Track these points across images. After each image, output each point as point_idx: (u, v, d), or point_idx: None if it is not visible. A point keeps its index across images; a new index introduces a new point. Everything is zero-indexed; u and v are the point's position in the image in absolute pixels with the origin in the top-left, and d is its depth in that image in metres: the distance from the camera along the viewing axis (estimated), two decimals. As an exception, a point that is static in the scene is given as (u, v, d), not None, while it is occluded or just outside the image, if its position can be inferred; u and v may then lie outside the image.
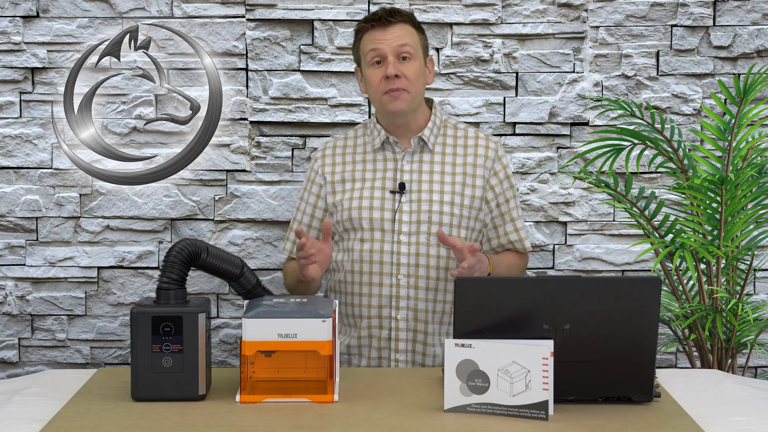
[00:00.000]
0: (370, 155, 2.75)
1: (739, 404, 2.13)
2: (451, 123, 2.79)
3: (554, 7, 3.25)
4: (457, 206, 2.69)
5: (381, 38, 2.64)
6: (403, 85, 2.63)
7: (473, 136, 2.78)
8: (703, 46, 3.27)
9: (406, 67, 2.64)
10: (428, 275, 2.67)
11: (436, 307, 2.69)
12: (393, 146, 2.73)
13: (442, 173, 2.71)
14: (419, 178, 2.70)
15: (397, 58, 2.63)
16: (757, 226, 2.93)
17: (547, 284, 2.05)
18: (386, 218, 2.67)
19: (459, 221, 2.69)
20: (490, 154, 2.75)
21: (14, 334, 3.31)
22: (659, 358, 3.34)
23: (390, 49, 2.63)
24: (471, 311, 2.03)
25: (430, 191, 2.69)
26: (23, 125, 3.24)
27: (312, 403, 2.08)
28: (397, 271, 2.67)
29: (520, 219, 2.80)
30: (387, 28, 2.64)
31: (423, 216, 2.67)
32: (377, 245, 2.67)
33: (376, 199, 2.69)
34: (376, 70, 2.65)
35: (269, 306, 2.11)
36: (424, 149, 2.73)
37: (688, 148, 3.04)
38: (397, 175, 2.71)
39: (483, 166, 2.73)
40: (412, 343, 2.68)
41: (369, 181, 2.72)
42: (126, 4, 3.21)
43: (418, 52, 2.67)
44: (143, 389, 2.10)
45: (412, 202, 2.68)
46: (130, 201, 3.28)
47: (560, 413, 2.00)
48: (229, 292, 3.33)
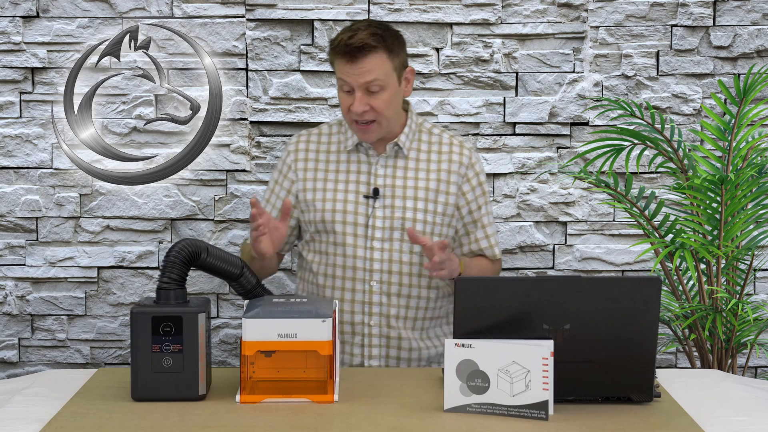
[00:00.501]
0: (343, 155, 2.71)
1: (739, 404, 2.13)
2: (426, 127, 2.75)
3: (554, 7, 3.25)
4: (430, 213, 2.67)
5: (349, 72, 2.54)
6: (371, 117, 2.58)
7: (447, 142, 2.74)
8: (703, 46, 3.27)
9: (375, 100, 2.56)
10: (401, 282, 2.66)
11: (408, 313, 2.68)
12: (367, 149, 2.69)
13: (416, 179, 2.69)
14: (393, 184, 2.67)
15: (366, 91, 2.55)
16: (757, 226, 2.93)
17: (547, 284, 2.05)
18: (359, 223, 2.65)
19: (432, 228, 2.68)
20: (464, 161, 2.71)
21: (14, 334, 3.31)
22: (659, 358, 3.34)
23: (357, 85, 2.54)
24: (471, 311, 2.03)
25: (404, 197, 2.66)
26: (23, 125, 3.25)
27: (312, 403, 2.08)
28: (370, 277, 2.66)
29: (491, 226, 2.78)
30: (355, 62, 2.53)
31: (396, 222, 2.65)
32: (350, 250, 2.65)
33: (349, 203, 2.66)
34: (345, 97, 2.59)
35: (269, 306, 2.11)
36: (399, 154, 2.69)
37: (688, 148, 3.04)
38: (371, 180, 2.68)
39: (456, 172, 2.70)
40: (385, 349, 2.68)
41: (342, 183, 2.69)
42: (126, 4, 3.21)
43: (389, 80, 2.57)
44: (143, 389, 2.10)
45: (385, 208, 2.66)
46: (130, 201, 3.28)
47: (560, 413, 2.00)
48: (229, 292, 3.33)
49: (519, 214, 3.31)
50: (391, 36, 2.60)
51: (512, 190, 3.30)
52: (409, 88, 2.68)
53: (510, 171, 3.30)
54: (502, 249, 3.30)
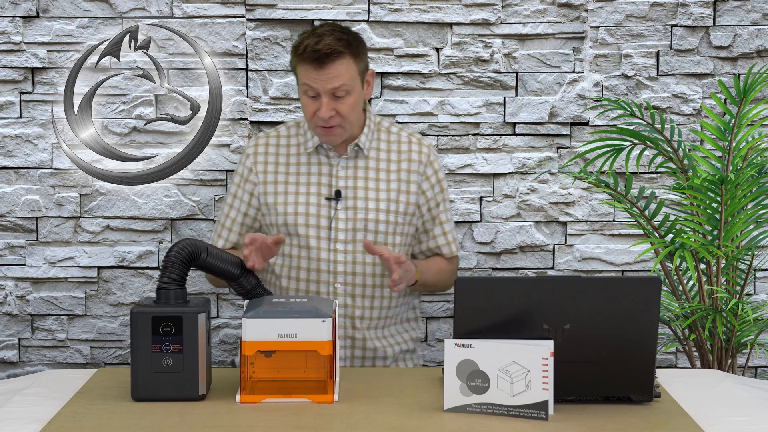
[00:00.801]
0: (304, 158, 2.71)
1: (739, 404, 2.13)
2: (384, 126, 2.75)
3: (554, 7, 3.25)
4: (392, 213, 2.68)
5: (315, 78, 2.53)
6: (336, 122, 2.57)
7: (406, 140, 2.74)
8: (703, 46, 3.27)
9: (341, 105, 2.56)
10: (365, 283, 2.67)
11: (372, 313, 2.69)
12: (327, 151, 2.69)
13: (377, 180, 2.69)
14: (354, 185, 2.68)
15: (332, 95, 2.55)
16: (757, 226, 2.93)
17: (547, 284, 2.05)
18: (322, 225, 2.66)
19: (394, 228, 2.69)
20: (423, 159, 2.72)
21: (14, 334, 3.31)
22: (659, 358, 3.34)
23: (324, 90, 2.54)
24: (471, 311, 2.03)
25: (366, 198, 2.67)
26: (23, 125, 3.24)
27: (312, 403, 2.08)
28: (334, 279, 2.66)
29: (448, 223, 2.78)
30: (323, 68, 2.52)
31: (359, 224, 2.66)
32: (314, 253, 2.65)
33: (312, 206, 2.66)
34: (309, 102, 2.57)
35: (269, 306, 2.11)
36: (359, 155, 2.70)
37: (688, 148, 3.04)
38: (332, 182, 2.68)
39: (416, 171, 2.71)
40: (350, 350, 2.69)
41: (304, 185, 2.69)
42: (126, 4, 3.21)
43: (355, 83, 2.57)
44: (143, 389, 2.10)
45: (348, 210, 2.66)
46: (130, 201, 3.28)
47: (560, 413, 2.00)
48: (229, 292, 3.33)
49: (519, 214, 3.31)
50: (356, 40, 2.60)
51: (512, 190, 3.30)
52: (370, 90, 2.68)
53: (510, 171, 3.30)
54: (505, 248, 3.30)
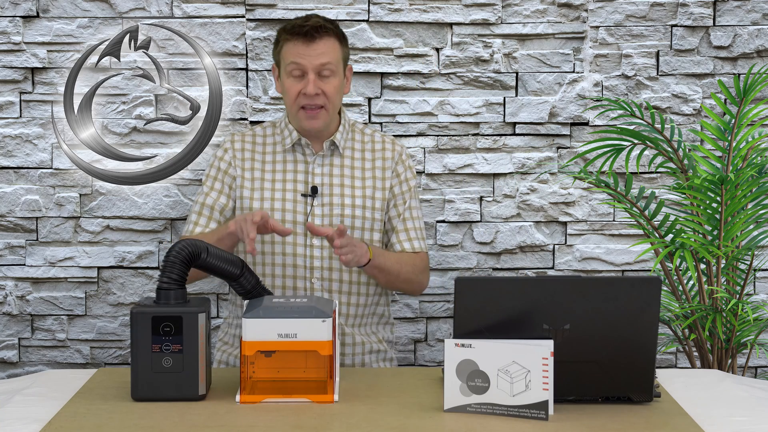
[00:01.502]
0: (280, 155, 2.73)
1: (739, 404, 2.13)
2: (358, 127, 2.79)
3: (554, 7, 3.25)
4: (368, 209, 2.70)
5: (303, 53, 2.58)
6: (321, 102, 2.60)
7: (380, 140, 2.77)
8: (703, 46, 3.27)
9: (326, 84, 2.60)
10: (341, 278, 2.68)
11: (349, 310, 2.70)
12: (304, 148, 2.71)
13: (353, 177, 2.71)
14: (330, 182, 2.69)
15: (318, 74, 2.59)
16: (757, 226, 2.93)
17: (547, 284, 2.05)
18: (299, 221, 2.67)
19: (372, 224, 2.70)
20: (395, 156, 2.75)
21: (14, 334, 3.31)
22: (659, 358, 3.34)
23: (312, 66, 2.58)
24: (471, 311, 2.03)
25: (342, 195, 2.69)
26: (23, 125, 3.24)
27: (312, 403, 2.08)
28: (310, 274, 2.67)
29: (414, 220, 2.75)
30: (311, 43, 2.58)
31: (335, 220, 2.67)
32: (290, 248, 2.66)
33: (288, 202, 2.68)
34: (294, 83, 2.61)
35: (269, 306, 2.11)
36: (335, 153, 2.72)
37: (688, 148, 3.04)
38: (308, 178, 2.69)
39: (390, 168, 2.74)
40: None
41: (279, 182, 2.70)
42: (126, 4, 3.21)
43: (339, 68, 2.63)
44: (143, 389, 2.10)
45: (324, 206, 2.68)
46: (130, 201, 3.28)
47: (560, 413, 2.00)
48: (229, 292, 3.32)
49: (519, 214, 3.31)
50: (340, 29, 2.68)
51: (512, 190, 3.30)
52: (348, 86, 2.73)
53: (510, 171, 3.30)
54: (505, 248, 3.30)
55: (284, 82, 2.64)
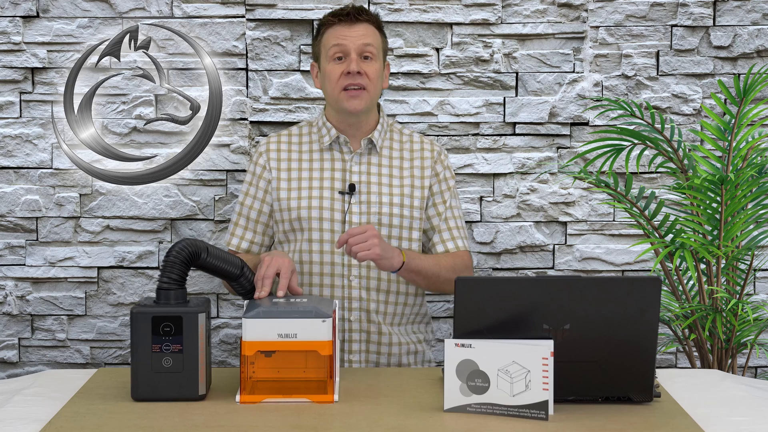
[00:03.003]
0: (317, 154, 2.73)
1: (739, 404, 2.13)
2: (396, 128, 2.80)
3: (554, 7, 3.25)
4: (407, 208, 2.70)
5: (346, 34, 2.63)
6: (363, 82, 2.62)
7: (418, 140, 2.78)
8: (703, 46, 3.27)
9: (368, 66, 2.63)
10: (380, 276, 2.68)
11: (387, 308, 2.70)
12: (342, 146, 2.71)
13: (390, 176, 2.71)
14: (368, 180, 2.69)
15: (360, 56, 2.63)
16: (757, 226, 2.93)
17: (547, 284, 2.05)
18: (336, 219, 2.67)
19: (410, 223, 2.70)
20: (435, 156, 2.76)
21: (14, 334, 3.31)
22: (659, 358, 3.34)
23: (354, 47, 2.62)
24: (471, 311, 2.03)
25: (380, 193, 2.69)
26: (23, 125, 3.24)
27: (312, 403, 2.08)
28: (348, 272, 2.66)
29: (456, 219, 2.76)
30: (353, 25, 2.63)
31: (373, 218, 2.67)
32: (327, 246, 2.66)
33: (325, 200, 2.68)
34: (336, 65, 2.63)
35: (269, 306, 2.11)
36: (372, 151, 2.72)
37: (688, 148, 3.04)
38: (345, 176, 2.69)
39: (430, 168, 2.74)
40: (366, 344, 2.69)
41: (317, 180, 2.70)
42: (126, 4, 3.21)
43: (379, 54, 2.67)
44: (143, 389, 2.10)
45: (361, 204, 2.67)
46: (130, 201, 3.28)
47: (560, 413, 2.00)
48: (229, 292, 3.33)
49: (519, 214, 3.31)
50: (380, 21, 2.73)
51: (512, 190, 3.30)
52: (386, 81, 2.75)
53: (510, 171, 3.30)
54: (505, 248, 3.30)
55: (325, 68, 2.66)
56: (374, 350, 2.69)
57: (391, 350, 2.71)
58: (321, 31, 2.69)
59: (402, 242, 2.70)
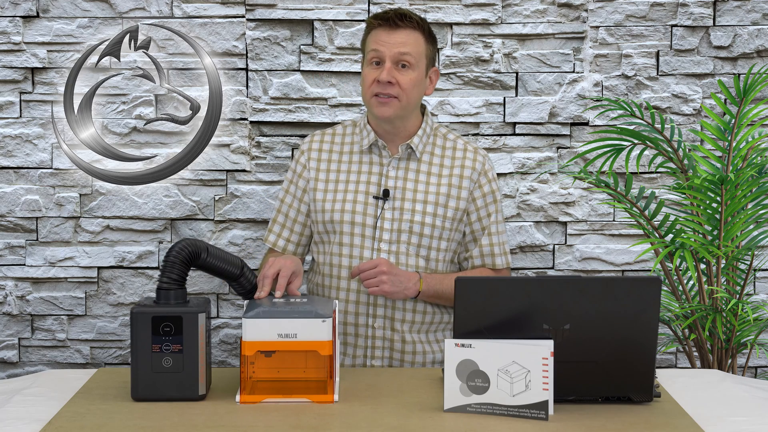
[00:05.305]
0: (356, 156, 2.70)
1: (739, 404, 2.13)
2: (441, 132, 2.73)
3: (554, 7, 3.25)
4: (439, 218, 2.65)
5: (384, 40, 2.56)
6: (394, 92, 2.56)
7: (462, 147, 2.71)
8: (703, 46, 3.27)
9: (402, 75, 2.56)
10: None
11: (415, 317, 2.66)
12: (380, 150, 2.68)
13: (427, 183, 2.66)
14: (404, 186, 2.65)
15: (396, 64, 2.56)
16: (757, 226, 2.93)
17: (547, 284, 2.05)
18: (368, 224, 2.63)
19: (440, 233, 2.65)
20: (477, 167, 2.69)
21: (14, 334, 3.31)
22: (659, 358, 3.34)
23: (390, 54, 2.55)
24: (471, 311, 2.03)
25: (414, 200, 2.64)
26: (23, 125, 3.25)
27: (312, 403, 2.08)
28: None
29: (497, 235, 2.71)
30: (393, 31, 2.57)
31: (404, 225, 2.63)
32: (357, 251, 2.64)
33: (359, 203, 2.65)
34: (371, 71, 2.59)
35: (269, 306, 2.11)
36: (411, 157, 2.67)
37: (688, 148, 3.04)
38: (381, 181, 2.66)
39: (469, 178, 2.68)
40: (389, 351, 2.66)
41: (353, 183, 2.67)
42: (126, 4, 3.21)
43: (419, 62, 2.59)
44: (143, 389, 2.10)
45: (394, 210, 2.64)
46: (130, 201, 3.28)
47: (560, 413, 2.00)
48: (229, 292, 3.33)
49: (519, 214, 3.31)
50: (430, 28, 2.65)
51: (512, 190, 3.30)
52: (431, 88, 2.68)
53: (510, 171, 3.30)
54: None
55: (363, 71, 2.62)
56: (398, 357, 2.66)
57: (414, 359, 2.68)
58: (366, 31, 2.64)
59: (430, 252, 2.65)
